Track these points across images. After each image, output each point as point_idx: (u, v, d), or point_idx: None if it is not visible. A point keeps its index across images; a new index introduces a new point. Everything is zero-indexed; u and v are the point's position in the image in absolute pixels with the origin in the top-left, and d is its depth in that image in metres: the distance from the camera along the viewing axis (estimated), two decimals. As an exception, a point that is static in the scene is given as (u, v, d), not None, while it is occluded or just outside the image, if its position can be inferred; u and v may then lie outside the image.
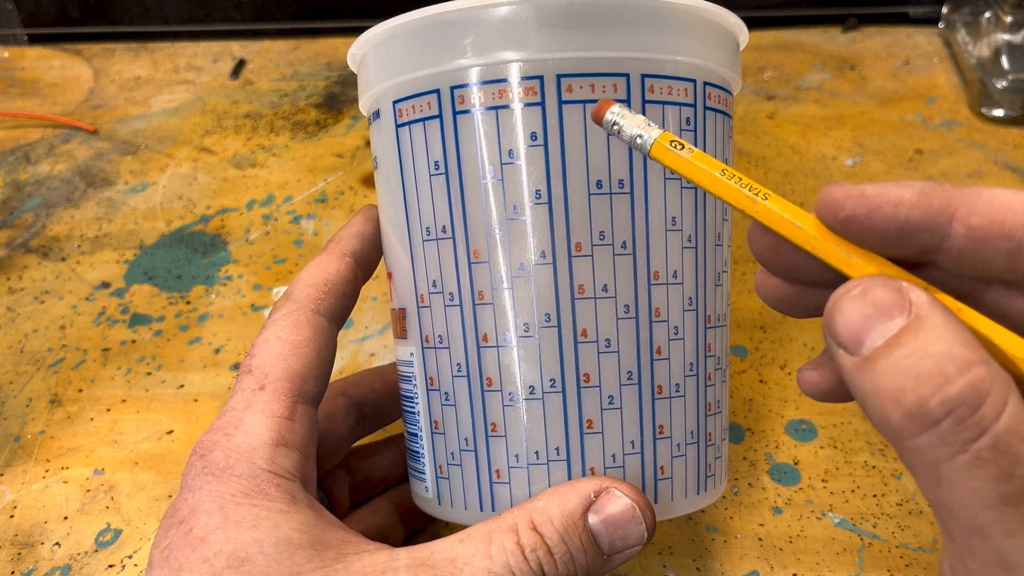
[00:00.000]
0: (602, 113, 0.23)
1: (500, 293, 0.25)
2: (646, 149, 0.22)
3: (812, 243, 0.20)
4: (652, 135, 0.22)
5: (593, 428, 0.26)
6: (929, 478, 0.18)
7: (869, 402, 0.18)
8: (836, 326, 0.19)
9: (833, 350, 0.19)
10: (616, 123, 0.22)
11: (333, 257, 0.29)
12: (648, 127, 0.22)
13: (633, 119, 0.22)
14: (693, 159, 0.22)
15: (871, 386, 0.18)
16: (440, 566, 0.23)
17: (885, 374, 0.18)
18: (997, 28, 0.57)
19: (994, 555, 0.17)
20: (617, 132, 0.22)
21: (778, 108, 0.59)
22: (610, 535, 0.24)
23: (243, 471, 0.25)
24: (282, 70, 0.68)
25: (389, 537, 0.34)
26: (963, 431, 0.17)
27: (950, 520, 0.18)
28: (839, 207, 0.20)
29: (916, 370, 0.17)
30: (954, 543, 0.18)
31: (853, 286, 0.19)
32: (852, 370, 0.18)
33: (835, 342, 0.19)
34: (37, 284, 0.49)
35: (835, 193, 0.20)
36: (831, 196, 0.20)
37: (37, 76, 0.69)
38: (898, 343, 0.18)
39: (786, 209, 0.21)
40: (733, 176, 0.21)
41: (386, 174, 0.28)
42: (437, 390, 0.27)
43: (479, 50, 0.25)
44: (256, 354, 0.27)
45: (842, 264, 0.20)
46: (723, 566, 0.34)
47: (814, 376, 0.23)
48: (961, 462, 0.17)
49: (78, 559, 0.35)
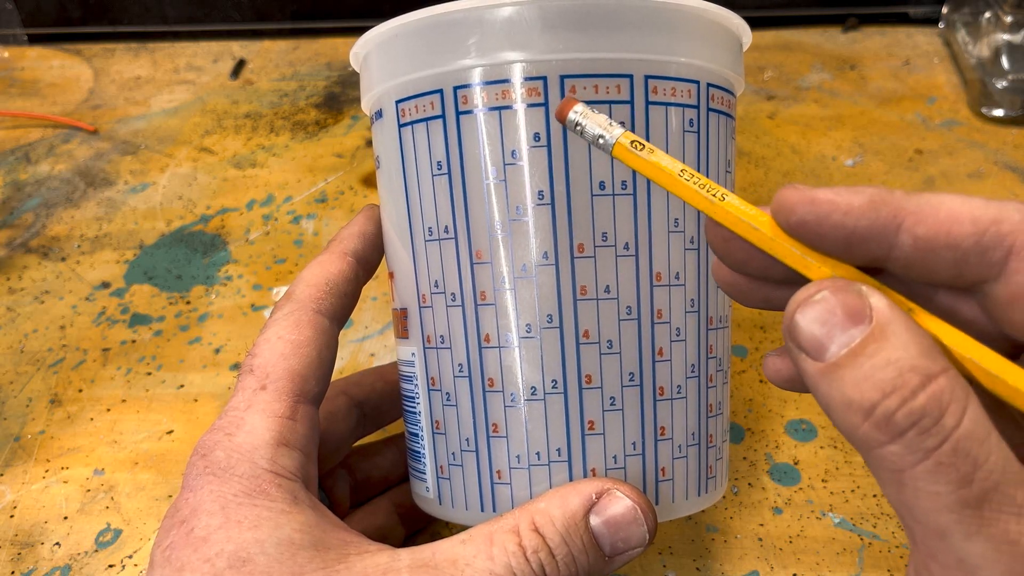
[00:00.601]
0: (565, 112, 0.23)
1: (502, 294, 0.25)
2: (608, 148, 0.22)
3: (768, 244, 0.21)
4: (614, 135, 0.22)
5: (594, 429, 0.26)
6: (893, 484, 0.18)
7: (835, 410, 0.18)
8: (798, 332, 0.19)
9: (795, 354, 0.19)
10: (579, 123, 0.23)
11: (334, 257, 0.29)
12: (609, 127, 0.22)
13: (595, 119, 0.22)
14: (652, 159, 0.22)
15: (837, 395, 0.18)
16: (442, 567, 0.23)
17: (850, 384, 0.18)
18: (997, 28, 0.57)
19: (954, 558, 0.18)
20: (580, 132, 0.23)
21: (778, 108, 0.59)
22: (612, 536, 0.24)
23: (244, 471, 0.25)
24: (282, 70, 0.68)
25: (389, 537, 0.34)
26: (926, 439, 0.17)
27: (913, 525, 0.18)
28: (791, 211, 0.20)
29: (881, 381, 0.18)
30: (918, 548, 0.19)
31: (813, 291, 0.19)
32: (816, 376, 0.19)
33: (796, 346, 0.19)
34: (37, 284, 0.49)
35: (789, 196, 0.20)
36: (784, 199, 0.20)
37: (37, 76, 0.69)
38: (862, 352, 0.18)
39: (743, 211, 0.21)
40: (692, 176, 0.21)
41: (388, 174, 0.28)
42: (438, 390, 0.27)
43: (482, 50, 0.25)
44: (257, 354, 0.27)
45: (797, 264, 0.20)
46: (723, 566, 0.34)
47: (777, 363, 0.23)
48: (924, 468, 0.17)
49: (78, 559, 0.35)
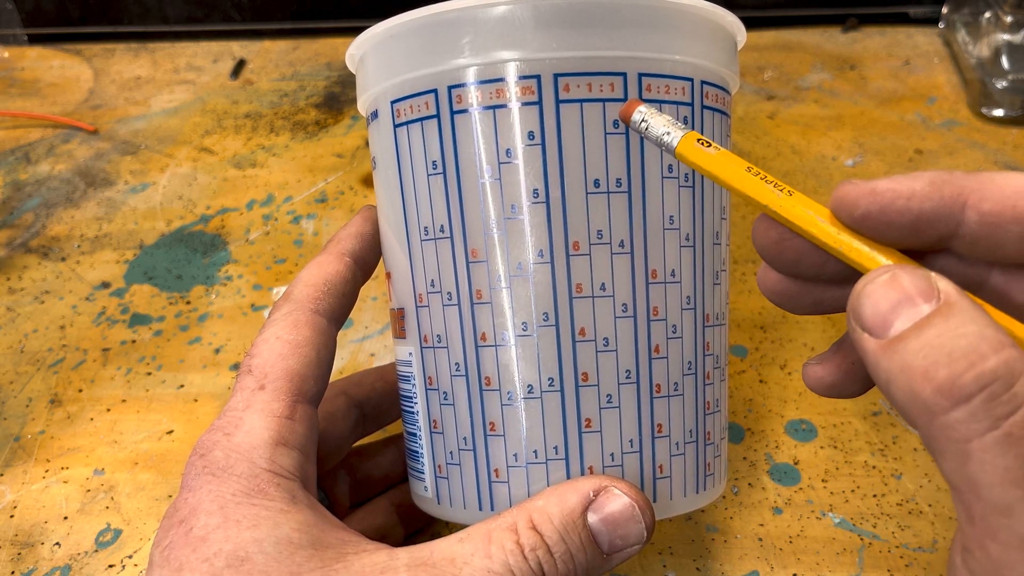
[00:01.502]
0: (630, 112, 0.23)
1: (498, 292, 0.25)
2: (672, 147, 0.23)
3: (832, 239, 0.21)
4: (678, 134, 0.22)
5: (592, 427, 0.26)
6: (956, 456, 0.17)
7: (896, 381, 0.18)
8: (863, 310, 0.19)
9: (857, 335, 0.19)
10: (644, 121, 0.23)
11: (332, 257, 0.29)
12: (674, 126, 0.23)
13: (660, 118, 0.23)
14: (719, 157, 0.22)
15: (899, 364, 0.18)
16: (440, 565, 0.23)
17: (915, 352, 0.18)
18: (997, 28, 0.57)
19: (1017, 537, 0.17)
20: (644, 130, 0.23)
21: (778, 108, 0.59)
22: (609, 534, 0.25)
23: (243, 471, 0.25)
24: (282, 70, 0.68)
25: (389, 536, 0.34)
26: (996, 407, 0.17)
27: (973, 501, 0.18)
28: (854, 206, 0.20)
29: (949, 348, 0.17)
30: (975, 526, 0.18)
31: (881, 272, 0.19)
32: (878, 352, 0.18)
33: (860, 326, 0.19)
34: (37, 284, 0.49)
35: (849, 192, 0.20)
36: (845, 195, 0.20)
37: (37, 76, 0.69)
38: (928, 324, 0.18)
39: (810, 206, 0.21)
40: (759, 173, 0.22)
41: (384, 174, 0.28)
42: (436, 390, 0.27)
43: (476, 50, 0.25)
44: (256, 354, 0.27)
45: (863, 258, 0.21)
46: (723, 566, 0.34)
47: (818, 371, 0.24)
48: (992, 439, 0.17)
49: (78, 559, 0.35)
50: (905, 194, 0.20)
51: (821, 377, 0.24)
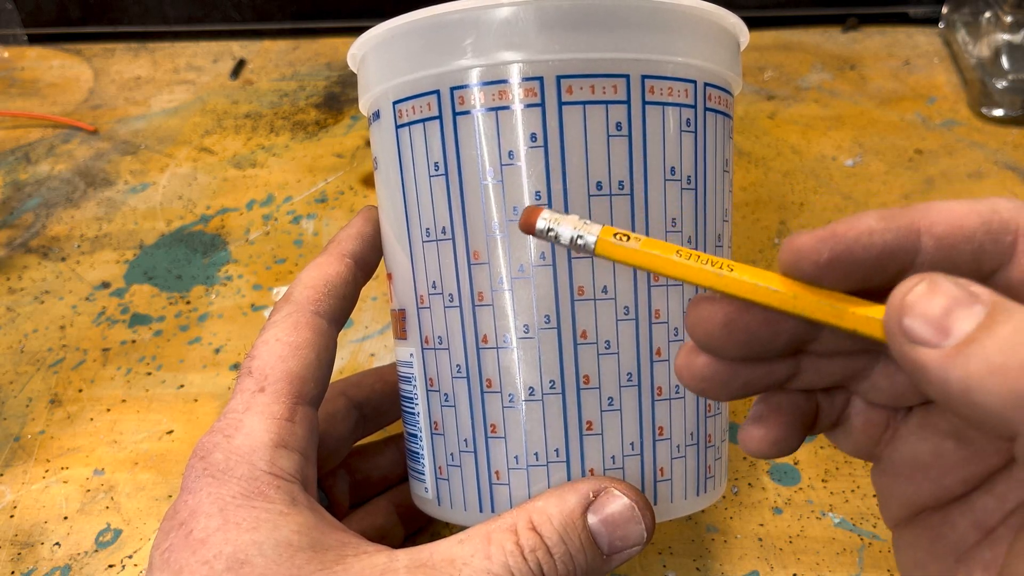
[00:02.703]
0: (533, 220, 0.21)
1: (500, 294, 0.25)
2: (590, 248, 0.21)
3: (790, 303, 0.20)
4: (593, 231, 0.21)
5: (593, 429, 0.26)
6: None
7: (983, 386, 0.17)
8: (912, 320, 0.18)
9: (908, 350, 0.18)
10: (551, 229, 0.21)
11: (333, 258, 0.29)
12: (585, 224, 0.21)
13: (568, 221, 0.21)
14: (644, 248, 0.20)
15: (983, 367, 0.17)
16: (439, 567, 0.23)
17: (1000, 351, 0.16)
18: (997, 28, 0.57)
19: None
20: (554, 238, 0.21)
21: (778, 108, 0.59)
22: (609, 535, 0.25)
23: (243, 473, 0.25)
24: (282, 70, 0.68)
25: (389, 537, 0.34)
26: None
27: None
28: (817, 253, 0.19)
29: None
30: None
31: (914, 282, 0.18)
32: (943, 361, 0.17)
33: (909, 338, 0.18)
34: (37, 284, 0.49)
35: (807, 241, 0.19)
36: (804, 245, 0.19)
37: (37, 76, 0.69)
38: (997, 321, 0.17)
39: (756, 275, 0.20)
40: (691, 256, 0.20)
41: (386, 175, 0.28)
42: (437, 391, 0.27)
43: (479, 51, 0.25)
44: (256, 356, 0.27)
45: (827, 315, 0.19)
46: (723, 566, 0.34)
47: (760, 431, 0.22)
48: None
49: (78, 559, 0.35)
50: (865, 230, 0.19)
51: (764, 436, 0.22)
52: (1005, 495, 0.21)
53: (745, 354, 0.21)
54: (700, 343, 0.21)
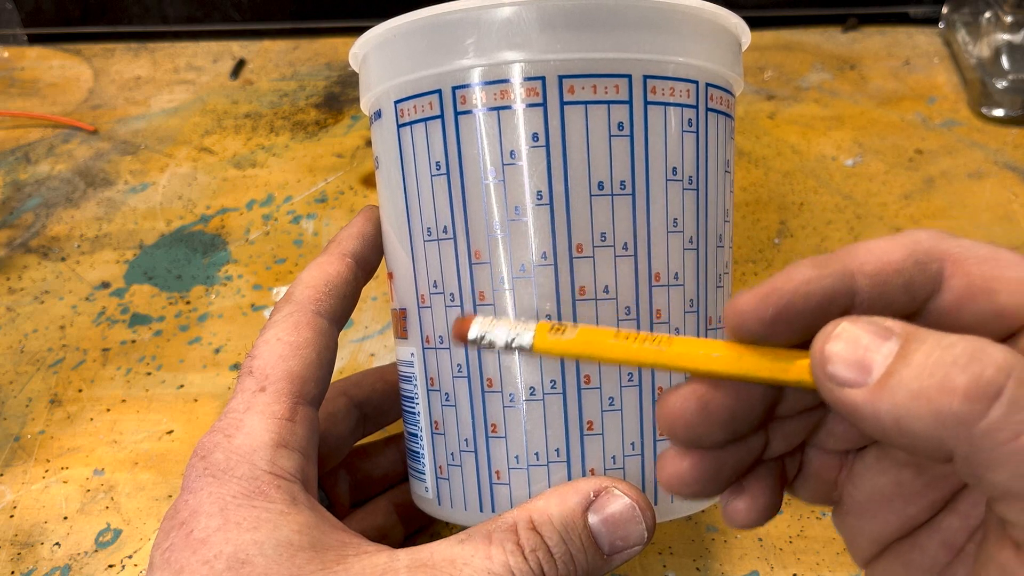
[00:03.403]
0: (465, 330, 0.21)
1: (501, 294, 0.25)
2: (528, 345, 0.21)
3: (735, 364, 0.20)
4: (528, 332, 0.21)
5: (593, 429, 0.26)
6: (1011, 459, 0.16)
7: (911, 413, 0.17)
8: (834, 366, 0.18)
9: (837, 394, 0.18)
10: (485, 336, 0.21)
11: (333, 258, 0.29)
12: (518, 326, 0.21)
13: (501, 325, 0.21)
14: (581, 335, 0.20)
15: (906, 395, 0.17)
16: (440, 567, 0.23)
17: (918, 377, 0.17)
18: (997, 28, 0.57)
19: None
20: (490, 344, 0.21)
21: (778, 108, 0.59)
22: (610, 535, 0.24)
23: (244, 473, 0.25)
24: (282, 70, 0.68)
25: (389, 537, 0.34)
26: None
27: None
28: (762, 311, 0.19)
29: (950, 358, 0.17)
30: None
31: (830, 328, 0.18)
32: (870, 398, 0.17)
33: (837, 383, 0.18)
34: (37, 284, 0.49)
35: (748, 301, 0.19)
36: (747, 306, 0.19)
37: (37, 76, 0.69)
38: (911, 350, 0.17)
39: (697, 346, 0.20)
40: (629, 336, 0.20)
41: (387, 174, 0.28)
42: (437, 390, 0.27)
43: (481, 50, 0.25)
44: (257, 355, 0.27)
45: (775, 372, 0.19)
46: (723, 566, 0.34)
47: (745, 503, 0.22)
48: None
49: (78, 559, 0.35)
50: (803, 280, 0.19)
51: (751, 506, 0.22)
52: (968, 513, 0.21)
53: (727, 434, 0.21)
54: (681, 435, 0.20)
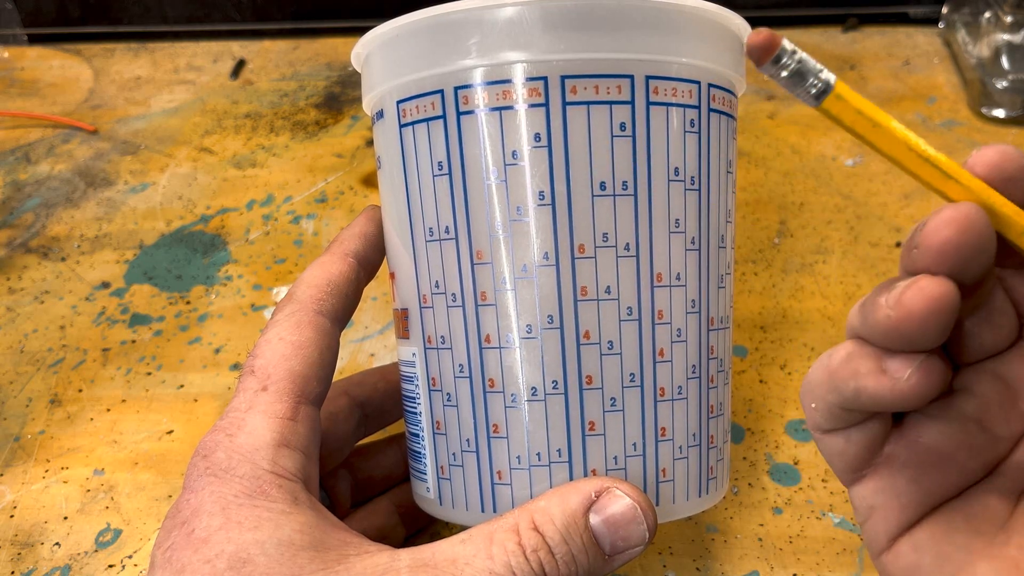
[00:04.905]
0: (777, 42, 0.20)
1: (503, 294, 0.25)
2: (832, 85, 0.20)
3: (987, 194, 0.20)
4: (831, 75, 0.20)
5: (595, 430, 0.26)
6: None
7: None
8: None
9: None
10: (796, 52, 0.20)
11: (335, 258, 0.29)
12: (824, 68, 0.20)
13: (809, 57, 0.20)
14: (872, 107, 0.20)
15: None
16: (441, 566, 0.23)
17: None
18: (997, 28, 0.57)
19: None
20: (798, 66, 0.20)
21: (778, 108, 0.59)
22: (611, 535, 0.24)
23: (245, 472, 0.25)
24: (282, 70, 0.68)
25: (390, 537, 0.34)
26: None
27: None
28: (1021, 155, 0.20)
29: None
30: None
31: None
32: None
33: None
34: (37, 284, 0.49)
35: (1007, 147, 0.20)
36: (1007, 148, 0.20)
37: (37, 76, 0.69)
38: None
39: (957, 166, 0.20)
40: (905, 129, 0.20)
41: (389, 174, 0.28)
42: (439, 391, 0.27)
43: (483, 51, 0.25)
44: (258, 355, 0.27)
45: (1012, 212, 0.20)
46: (723, 566, 0.34)
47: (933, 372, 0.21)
48: None
49: (78, 559, 0.35)
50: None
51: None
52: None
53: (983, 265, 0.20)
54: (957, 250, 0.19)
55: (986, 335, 0.21)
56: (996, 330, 0.21)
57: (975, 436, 0.22)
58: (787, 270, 0.47)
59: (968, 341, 0.22)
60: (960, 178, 0.20)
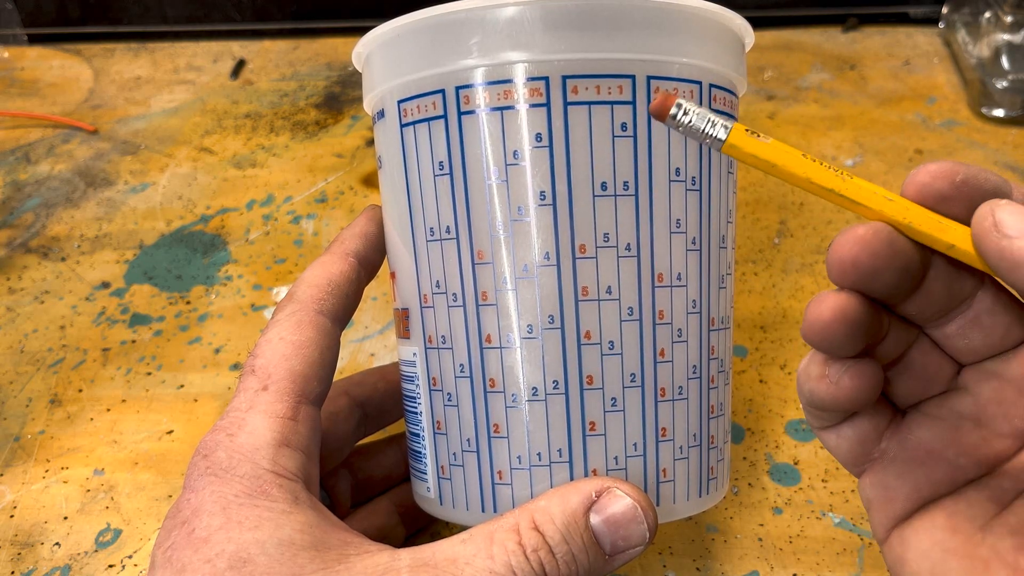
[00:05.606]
0: (668, 106, 0.21)
1: (504, 294, 0.25)
2: (723, 138, 0.21)
3: (905, 213, 0.20)
4: (728, 124, 0.21)
5: (596, 430, 0.26)
6: None
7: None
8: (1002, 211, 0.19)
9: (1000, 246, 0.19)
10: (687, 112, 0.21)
11: (336, 257, 0.29)
12: (718, 117, 0.21)
13: (702, 110, 0.21)
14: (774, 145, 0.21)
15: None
16: (442, 566, 0.23)
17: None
18: (997, 28, 0.57)
19: None
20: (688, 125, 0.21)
21: (778, 108, 0.59)
22: (612, 535, 0.24)
23: (246, 471, 0.25)
24: (282, 70, 0.68)
25: (390, 537, 0.34)
26: None
27: None
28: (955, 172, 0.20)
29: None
30: None
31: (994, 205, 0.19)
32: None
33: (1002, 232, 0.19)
34: (37, 284, 0.49)
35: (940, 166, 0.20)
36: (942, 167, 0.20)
37: (37, 76, 0.69)
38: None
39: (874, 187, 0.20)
40: (815, 160, 0.21)
41: (390, 174, 0.28)
42: (440, 390, 0.27)
43: (485, 50, 0.25)
44: (259, 354, 0.27)
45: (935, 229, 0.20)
46: (723, 566, 0.34)
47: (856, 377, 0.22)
48: None
49: (78, 559, 0.35)
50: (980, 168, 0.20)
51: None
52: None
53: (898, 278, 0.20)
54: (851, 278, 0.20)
55: (975, 338, 0.22)
56: (986, 333, 0.22)
57: (969, 434, 0.23)
58: (787, 270, 0.47)
59: (956, 343, 0.23)
60: (869, 202, 0.20)
